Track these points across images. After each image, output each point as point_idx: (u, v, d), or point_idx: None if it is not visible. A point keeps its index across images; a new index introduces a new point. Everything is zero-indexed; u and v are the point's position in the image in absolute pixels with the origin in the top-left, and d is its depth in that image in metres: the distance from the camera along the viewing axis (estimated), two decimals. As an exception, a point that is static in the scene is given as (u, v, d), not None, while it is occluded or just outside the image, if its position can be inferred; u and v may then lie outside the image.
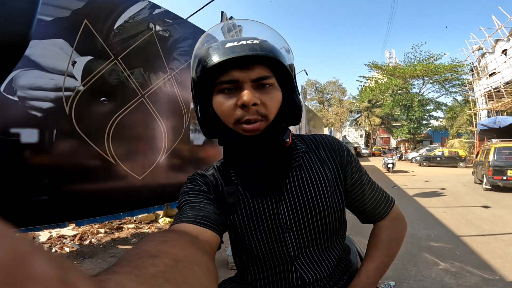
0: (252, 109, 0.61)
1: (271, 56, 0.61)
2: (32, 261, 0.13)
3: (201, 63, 0.63)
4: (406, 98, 26.94)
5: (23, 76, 1.94)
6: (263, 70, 0.62)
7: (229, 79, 0.61)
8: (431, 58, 26.04)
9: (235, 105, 0.61)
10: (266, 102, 0.62)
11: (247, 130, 0.62)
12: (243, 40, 0.61)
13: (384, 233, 0.78)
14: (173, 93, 3.14)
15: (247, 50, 0.59)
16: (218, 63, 0.59)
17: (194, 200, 0.64)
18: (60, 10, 2.14)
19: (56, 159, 2.14)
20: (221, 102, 0.63)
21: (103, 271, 0.24)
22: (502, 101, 16.47)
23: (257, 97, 0.61)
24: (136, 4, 2.68)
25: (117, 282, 0.22)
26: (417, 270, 2.89)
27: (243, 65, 0.61)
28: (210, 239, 0.53)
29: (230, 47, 0.60)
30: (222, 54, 0.59)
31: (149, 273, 0.26)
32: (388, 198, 0.81)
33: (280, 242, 0.70)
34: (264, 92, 0.63)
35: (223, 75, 0.61)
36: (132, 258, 0.29)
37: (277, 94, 0.65)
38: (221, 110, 0.63)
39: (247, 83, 0.61)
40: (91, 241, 3.64)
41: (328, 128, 26.58)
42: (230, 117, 0.62)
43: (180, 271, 0.29)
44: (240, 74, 0.61)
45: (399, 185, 9.48)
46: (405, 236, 0.82)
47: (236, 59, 0.59)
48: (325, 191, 0.71)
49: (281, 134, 0.67)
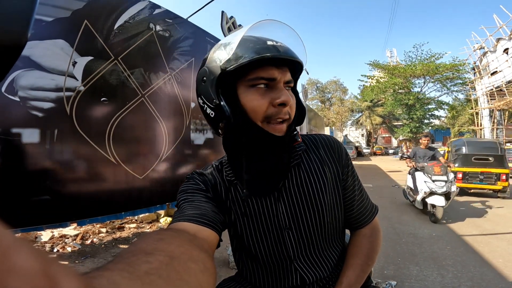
0: (285, 109, 0.63)
1: (301, 64, 0.65)
2: (14, 254, 0.13)
3: (238, 53, 0.60)
4: (408, 97, 26.83)
5: (24, 76, 1.95)
6: (289, 74, 0.65)
7: (269, 76, 0.61)
8: (432, 57, 25.93)
9: (269, 103, 0.62)
10: (293, 105, 0.66)
11: (277, 129, 0.63)
12: (279, 42, 0.63)
13: (366, 241, 0.78)
14: (173, 93, 3.14)
15: (289, 52, 0.61)
16: (265, 58, 0.58)
17: (192, 199, 0.64)
18: (61, 10, 2.15)
19: (57, 159, 2.15)
20: (254, 97, 0.61)
21: (97, 268, 0.24)
22: (504, 100, 16.41)
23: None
24: (136, 4, 2.68)
25: (108, 279, 0.22)
26: (418, 270, 2.88)
27: (280, 65, 0.62)
28: (208, 237, 0.53)
29: (273, 45, 0.60)
30: (267, 50, 0.59)
31: (142, 269, 0.26)
32: (372, 206, 0.82)
33: (279, 242, 0.70)
34: (291, 94, 0.65)
35: (260, 71, 0.60)
36: (127, 255, 0.29)
37: (296, 97, 0.69)
38: (252, 105, 0.62)
39: (281, 83, 0.63)
40: (93, 241, 3.65)
41: (329, 128, 26.55)
42: (261, 114, 0.62)
43: (175, 268, 0.29)
44: (279, 74, 0.62)
45: (400, 184, 9.45)
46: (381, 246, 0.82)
47: (277, 59, 0.60)
48: (324, 190, 0.71)
49: (295, 135, 0.70)
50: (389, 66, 28.30)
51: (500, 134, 18.16)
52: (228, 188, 0.71)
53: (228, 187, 0.71)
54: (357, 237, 0.79)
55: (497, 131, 18.33)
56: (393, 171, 14.42)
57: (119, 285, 0.22)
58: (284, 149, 0.68)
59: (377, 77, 29.85)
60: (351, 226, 0.80)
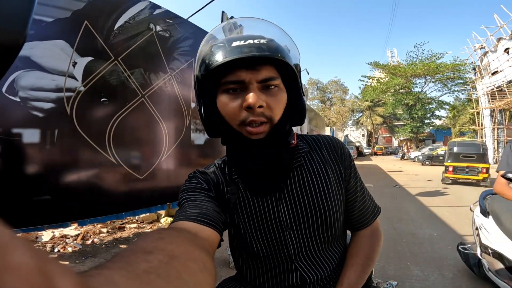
0: (257, 111, 0.59)
1: (278, 58, 0.59)
2: (11, 251, 0.13)
3: (205, 61, 0.61)
4: (409, 97, 26.80)
5: (24, 77, 1.96)
6: (269, 71, 0.61)
7: (235, 79, 0.59)
8: (433, 57, 25.91)
9: (240, 106, 0.60)
10: (272, 104, 0.61)
11: (252, 133, 0.61)
12: (250, 39, 0.59)
13: (367, 241, 0.78)
14: (173, 93, 3.15)
15: (255, 50, 0.57)
16: (225, 62, 0.57)
17: (194, 198, 0.63)
18: (61, 11, 2.15)
19: (58, 159, 2.15)
20: (226, 102, 0.61)
21: (95, 267, 0.24)
22: (504, 100, 16.38)
23: (262, 99, 0.60)
24: (136, 4, 2.68)
25: (106, 277, 0.22)
26: (419, 270, 2.87)
27: (249, 66, 0.59)
28: (209, 237, 0.53)
29: (237, 46, 0.58)
30: (229, 53, 0.57)
31: (141, 268, 0.26)
32: (375, 208, 0.81)
33: (281, 241, 0.70)
34: (270, 94, 0.62)
35: (229, 74, 0.60)
36: (126, 254, 0.29)
37: (282, 96, 0.64)
38: (225, 110, 0.62)
39: (253, 84, 0.60)
40: (94, 241, 3.66)
41: (330, 128, 26.56)
42: (235, 119, 0.61)
43: (174, 267, 0.29)
44: (247, 75, 0.59)
45: (401, 184, 9.43)
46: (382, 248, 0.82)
47: (244, 59, 0.57)
48: (327, 191, 0.70)
49: (285, 137, 0.66)
50: (390, 66, 28.30)
51: (501, 134, 18.12)
52: (231, 188, 0.71)
53: (230, 187, 0.71)
54: (358, 238, 0.79)
55: (498, 131, 18.28)
56: (394, 171, 14.41)
57: (117, 283, 0.22)
58: (276, 151, 0.65)
59: (377, 77, 29.84)
60: (352, 227, 0.80)
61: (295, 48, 0.69)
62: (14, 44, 0.39)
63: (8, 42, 0.38)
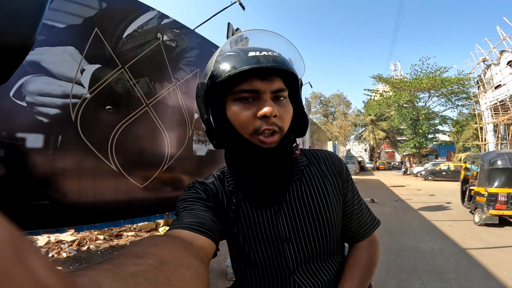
0: (272, 121, 0.60)
1: (291, 71, 0.62)
2: None
3: (219, 68, 0.62)
4: (413, 112, 26.82)
5: (32, 82, 1.99)
6: (280, 83, 0.63)
7: (250, 88, 0.60)
8: (438, 71, 26.02)
9: (253, 115, 0.61)
10: (283, 115, 0.63)
11: (265, 142, 0.61)
12: (265, 51, 0.61)
13: (365, 253, 0.78)
14: (177, 103, 3.18)
15: (272, 61, 0.59)
16: (242, 71, 0.58)
17: (191, 207, 0.63)
18: (73, 17, 2.20)
19: (60, 164, 2.16)
20: (238, 111, 0.62)
21: (83, 267, 0.24)
22: (508, 115, 16.33)
23: (276, 109, 0.61)
24: (146, 13, 2.75)
25: (90, 277, 0.21)
26: (420, 283, 2.82)
27: (264, 76, 0.61)
28: (204, 246, 0.52)
29: (254, 56, 0.60)
30: (246, 62, 0.59)
31: (128, 271, 0.25)
32: (373, 220, 0.82)
33: (279, 253, 0.70)
34: (280, 104, 0.63)
35: (243, 83, 0.61)
36: (116, 257, 0.29)
37: (290, 107, 0.66)
38: (238, 119, 0.62)
39: (267, 94, 0.61)
40: (89, 247, 3.62)
41: (332, 142, 26.50)
42: (248, 127, 0.62)
43: (164, 273, 0.29)
44: (262, 85, 0.60)
45: (403, 199, 9.34)
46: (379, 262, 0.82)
47: (260, 69, 0.59)
48: (325, 204, 0.71)
49: (292, 146, 0.68)
50: (393, 80, 28.44)
51: (504, 149, 18.00)
52: (230, 198, 0.71)
53: (229, 197, 0.71)
54: (356, 250, 0.79)
55: (502, 146, 18.17)
56: (396, 186, 14.29)
57: (101, 284, 0.21)
58: (282, 161, 0.66)
59: (381, 91, 29.94)
60: (350, 239, 0.80)
61: (302, 62, 0.71)
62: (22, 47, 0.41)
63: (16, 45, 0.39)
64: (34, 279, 0.13)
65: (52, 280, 0.14)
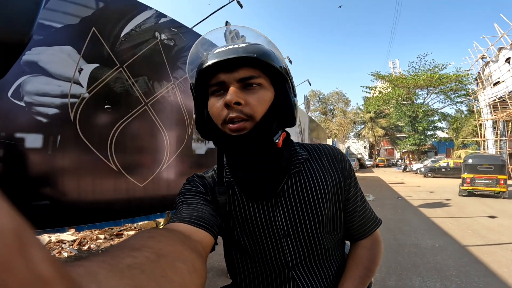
0: (236, 108, 0.61)
1: (253, 57, 0.62)
2: None
3: (194, 69, 0.69)
4: (411, 109, 26.83)
5: (30, 82, 1.99)
6: (248, 71, 0.63)
7: (216, 81, 0.64)
8: (436, 68, 26.03)
9: (222, 106, 0.62)
10: (251, 102, 0.62)
11: (232, 129, 0.62)
12: (231, 45, 0.64)
13: (366, 252, 0.77)
14: (176, 102, 3.18)
15: (230, 54, 0.62)
16: (206, 67, 0.63)
17: (190, 201, 0.63)
18: (70, 17, 2.20)
19: (59, 164, 2.16)
20: (212, 103, 0.65)
21: (80, 259, 0.24)
22: (507, 111, 16.35)
23: (241, 97, 0.61)
24: (143, 12, 2.74)
25: (86, 268, 0.22)
26: (421, 281, 2.82)
27: (228, 68, 0.63)
28: (203, 240, 0.52)
29: (217, 52, 0.63)
30: (210, 59, 0.63)
31: (124, 263, 0.26)
32: (375, 218, 0.81)
33: (277, 248, 0.69)
34: (250, 92, 0.63)
35: (213, 78, 0.65)
36: (113, 250, 0.29)
37: (264, 94, 0.64)
38: (211, 111, 0.65)
39: (233, 84, 0.63)
40: (90, 247, 3.63)
41: (332, 139, 26.44)
42: (219, 118, 0.64)
43: (161, 265, 0.29)
44: (225, 76, 0.63)
45: (403, 196, 9.36)
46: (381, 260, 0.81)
47: (221, 62, 0.62)
48: (325, 199, 0.70)
49: (270, 135, 0.66)
50: (392, 77, 28.43)
51: (503, 146, 18.01)
52: (221, 189, 0.70)
53: (221, 188, 0.70)
54: (357, 248, 0.77)
55: (501, 142, 18.19)
56: (396, 183, 14.31)
57: (96, 274, 0.22)
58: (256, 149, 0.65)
59: (379, 88, 29.94)
60: (351, 237, 0.79)
61: (278, 51, 0.72)
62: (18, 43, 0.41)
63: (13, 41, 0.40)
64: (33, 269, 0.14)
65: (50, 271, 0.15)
